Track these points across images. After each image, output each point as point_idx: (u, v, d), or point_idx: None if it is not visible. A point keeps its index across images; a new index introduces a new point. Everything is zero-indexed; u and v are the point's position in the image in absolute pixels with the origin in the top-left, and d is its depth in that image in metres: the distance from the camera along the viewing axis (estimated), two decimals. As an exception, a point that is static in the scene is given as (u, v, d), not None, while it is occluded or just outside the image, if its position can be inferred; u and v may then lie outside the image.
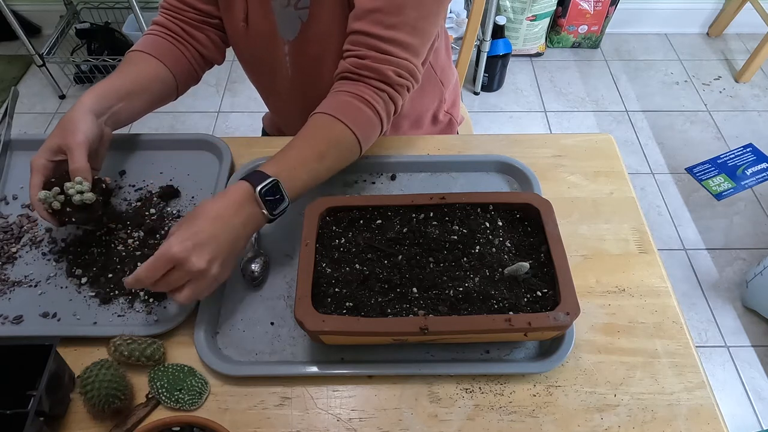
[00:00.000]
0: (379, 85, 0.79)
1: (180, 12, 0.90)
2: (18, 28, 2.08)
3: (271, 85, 1.02)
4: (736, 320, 1.71)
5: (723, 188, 2.05)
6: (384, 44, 0.78)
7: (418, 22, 0.78)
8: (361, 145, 0.80)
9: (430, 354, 0.71)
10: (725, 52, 2.59)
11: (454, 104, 1.13)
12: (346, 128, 0.77)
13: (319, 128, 0.78)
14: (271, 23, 0.87)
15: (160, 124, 2.26)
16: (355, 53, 0.80)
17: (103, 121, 0.80)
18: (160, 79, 0.88)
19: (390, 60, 0.79)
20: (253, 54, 0.96)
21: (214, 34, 0.93)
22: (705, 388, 0.68)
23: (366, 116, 0.79)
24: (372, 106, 0.79)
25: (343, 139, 0.78)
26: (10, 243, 0.81)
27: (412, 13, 0.77)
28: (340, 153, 0.78)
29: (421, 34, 0.80)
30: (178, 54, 0.90)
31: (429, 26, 0.81)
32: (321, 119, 0.78)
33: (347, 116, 0.78)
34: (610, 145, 0.94)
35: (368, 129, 0.80)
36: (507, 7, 2.37)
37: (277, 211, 0.71)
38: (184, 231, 0.66)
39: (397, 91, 0.81)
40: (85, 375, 0.64)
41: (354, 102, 0.79)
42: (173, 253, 0.64)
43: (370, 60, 0.79)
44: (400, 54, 0.79)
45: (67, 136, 0.74)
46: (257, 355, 0.71)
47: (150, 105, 0.88)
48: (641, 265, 0.79)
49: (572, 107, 2.36)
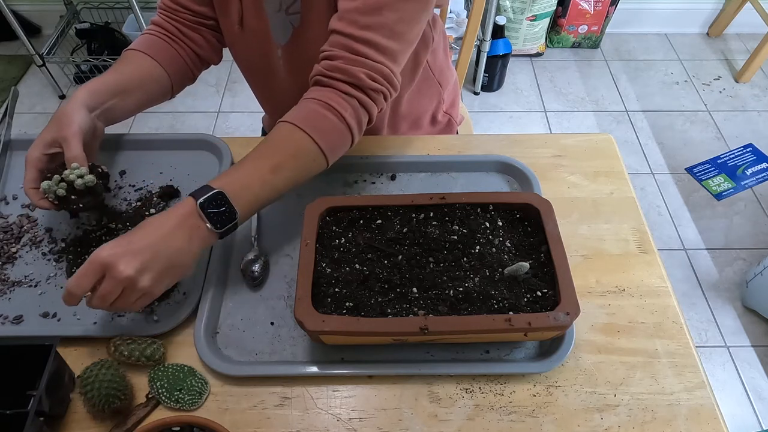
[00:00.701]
0: (348, 90, 0.75)
1: (175, 13, 0.91)
2: (18, 28, 2.08)
3: (266, 88, 1.02)
4: (736, 320, 1.71)
5: (723, 188, 2.05)
6: (357, 45, 0.74)
7: (396, 25, 0.74)
8: (326, 155, 0.75)
9: (430, 354, 0.71)
10: (725, 52, 2.59)
11: (453, 105, 1.13)
12: (308, 138, 0.73)
13: (278, 139, 0.74)
14: (265, 27, 0.87)
15: (160, 124, 2.26)
16: (328, 54, 0.76)
17: (96, 115, 0.81)
18: (155, 77, 0.88)
19: (363, 62, 0.74)
20: (249, 57, 0.96)
21: (209, 34, 0.93)
22: (705, 388, 0.68)
23: (331, 125, 0.74)
24: (338, 113, 0.74)
25: (303, 150, 0.74)
26: (10, 243, 0.81)
27: (390, 15, 0.73)
28: (299, 164, 0.74)
29: (400, 39, 0.76)
30: (173, 53, 0.90)
31: (408, 31, 0.76)
32: (283, 129, 0.74)
33: (310, 125, 0.73)
34: (610, 145, 0.94)
35: (333, 138, 0.75)
36: (507, 7, 2.37)
37: (225, 225, 0.68)
38: (119, 239, 0.64)
39: (369, 96, 0.76)
40: (85, 375, 0.64)
41: (319, 110, 0.74)
42: (101, 257, 0.62)
43: (342, 61, 0.74)
44: (374, 56, 0.74)
45: (61, 128, 0.75)
46: (257, 355, 0.71)
47: (144, 103, 0.88)
48: (641, 265, 0.79)
49: (572, 107, 2.36)
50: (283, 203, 0.86)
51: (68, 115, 0.76)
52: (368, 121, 0.79)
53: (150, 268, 0.63)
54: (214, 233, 0.68)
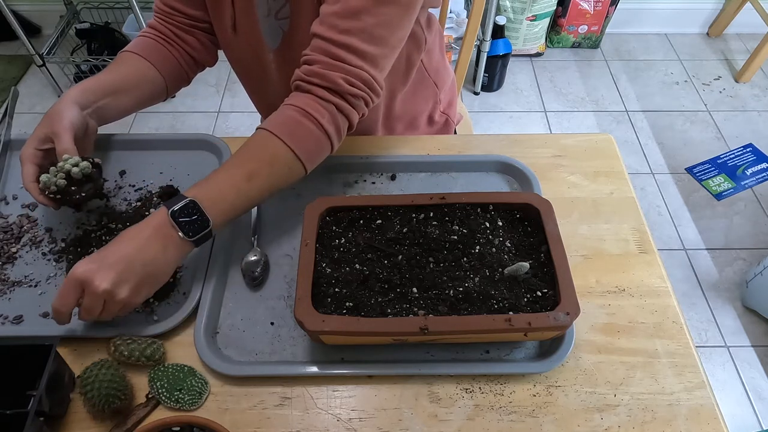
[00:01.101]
0: (325, 96, 0.74)
1: (169, 16, 0.91)
2: (18, 28, 2.08)
3: (260, 90, 1.03)
4: (736, 320, 1.71)
5: (723, 188, 2.05)
6: (336, 49, 0.73)
7: (375, 29, 0.73)
8: (303, 162, 0.74)
9: (430, 354, 0.71)
10: (725, 52, 2.59)
11: (451, 105, 1.13)
12: (283, 145, 0.73)
13: (253, 146, 0.74)
14: (257, 31, 0.88)
15: (160, 124, 2.26)
16: (307, 58, 0.75)
17: (88, 113, 0.81)
18: (149, 78, 0.89)
19: (341, 67, 0.73)
20: (242, 60, 0.96)
21: (204, 37, 0.94)
22: (705, 388, 0.68)
23: (307, 131, 0.74)
24: (315, 120, 0.74)
25: (279, 157, 0.73)
26: (10, 243, 0.81)
27: (369, 19, 0.72)
28: (274, 171, 0.74)
29: (380, 43, 0.74)
30: (167, 55, 0.91)
31: (389, 36, 0.75)
32: (259, 136, 0.74)
33: (285, 132, 0.73)
34: (610, 145, 0.95)
35: (309, 145, 0.74)
36: (507, 7, 2.37)
37: (197, 234, 0.68)
38: (94, 254, 0.66)
39: (348, 102, 0.75)
40: (85, 375, 0.64)
41: (296, 116, 0.74)
42: (76, 275, 0.63)
43: (319, 66, 0.74)
44: (353, 61, 0.73)
45: (53, 124, 0.76)
46: (257, 355, 0.71)
47: (138, 103, 0.89)
48: (641, 265, 0.79)
49: (572, 107, 2.36)
50: (283, 203, 0.86)
51: (59, 112, 0.77)
52: (348, 127, 0.78)
53: (126, 280, 0.65)
54: (187, 242, 0.68)
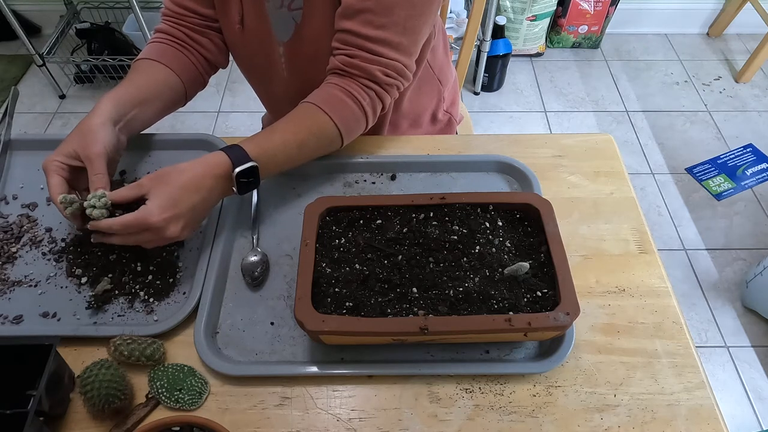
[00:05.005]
0: (366, 83, 0.82)
1: (182, 18, 0.90)
2: (18, 28, 2.08)
3: (267, 86, 1.02)
4: (736, 320, 1.71)
5: (723, 188, 2.05)
6: (373, 45, 0.79)
7: (408, 21, 0.79)
8: (342, 137, 0.82)
9: (430, 354, 0.71)
10: (725, 53, 2.59)
11: (453, 103, 1.13)
12: (330, 120, 0.80)
13: (303, 117, 0.81)
14: (266, 25, 0.87)
15: (160, 124, 2.22)
16: (345, 52, 0.81)
17: (120, 128, 0.79)
18: (170, 85, 0.88)
19: (379, 60, 0.80)
20: (250, 56, 0.96)
21: (217, 37, 0.93)
22: (705, 388, 0.68)
23: (351, 110, 0.81)
24: (358, 101, 0.81)
25: (325, 130, 0.81)
26: (10, 243, 0.81)
27: (402, 12, 0.78)
28: (319, 143, 0.81)
29: (412, 33, 0.81)
30: (184, 60, 0.90)
31: (420, 25, 0.81)
32: (307, 108, 0.81)
33: (332, 108, 0.80)
34: (610, 145, 0.94)
35: (351, 123, 0.82)
36: (507, 7, 2.37)
37: (245, 192, 0.77)
38: (165, 200, 0.69)
39: (384, 89, 0.83)
40: (85, 375, 0.64)
41: (340, 95, 0.81)
42: (152, 222, 0.68)
43: (359, 60, 0.80)
44: (389, 54, 0.80)
45: (87, 146, 0.73)
46: (257, 355, 0.71)
47: (161, 112, 0.88)
48: (641, 265, 0.79)
49: (572, 107, 2.36)
50: (283, 203, 0.86)
51: (94, 132, 0.74)
52: (381, 108, 0.86)
53: (188, 225, 0.73)
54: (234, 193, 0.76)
